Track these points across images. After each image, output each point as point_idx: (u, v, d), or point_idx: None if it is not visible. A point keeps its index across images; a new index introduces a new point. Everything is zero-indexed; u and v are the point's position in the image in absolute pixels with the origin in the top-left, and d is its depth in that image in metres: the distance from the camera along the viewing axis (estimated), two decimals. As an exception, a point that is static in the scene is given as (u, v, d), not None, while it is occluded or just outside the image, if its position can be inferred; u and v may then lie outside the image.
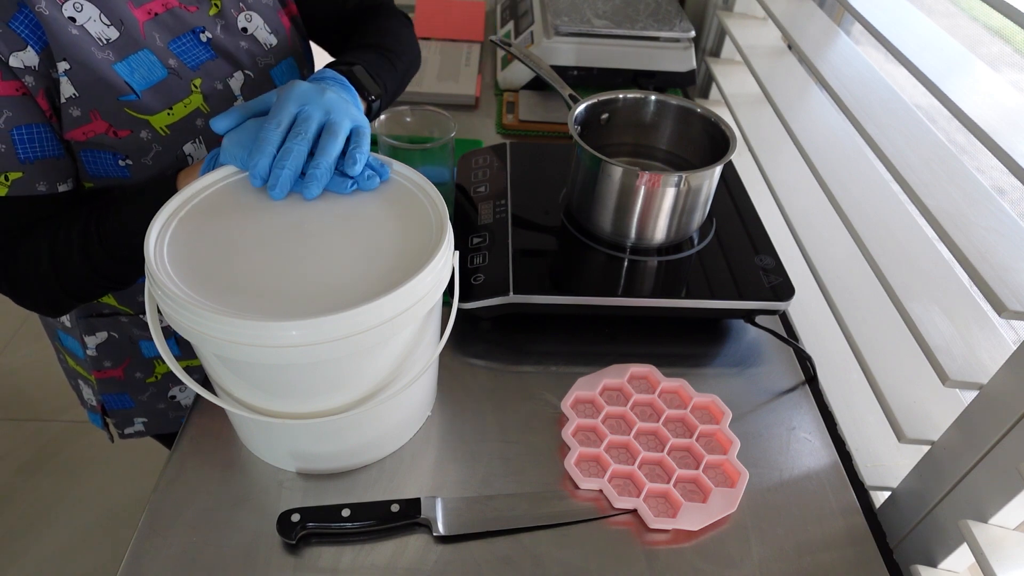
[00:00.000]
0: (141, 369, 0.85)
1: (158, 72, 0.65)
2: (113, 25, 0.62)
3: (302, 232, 0.57)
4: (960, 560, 0.57)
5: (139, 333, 0.82)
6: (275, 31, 0.75)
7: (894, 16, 0.77)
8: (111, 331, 0.82)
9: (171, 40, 0.66)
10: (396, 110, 0.83)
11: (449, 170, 0.81)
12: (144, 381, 0.86)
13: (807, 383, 0.72)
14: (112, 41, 0.62)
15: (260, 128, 0.57)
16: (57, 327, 0.85)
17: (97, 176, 0.67)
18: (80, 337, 0.82)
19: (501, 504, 0.59)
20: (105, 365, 0.84)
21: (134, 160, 0.66)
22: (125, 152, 0.66)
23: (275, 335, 0.48)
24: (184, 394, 0.89)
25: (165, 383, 0.88)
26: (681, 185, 0.71)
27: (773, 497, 0.61)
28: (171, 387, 0.88)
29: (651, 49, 1.15)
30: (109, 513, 1.56)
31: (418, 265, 0.52)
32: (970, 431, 0.55)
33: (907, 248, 0.67)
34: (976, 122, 0.59)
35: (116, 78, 0.62)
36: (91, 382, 0.87)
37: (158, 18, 0.65)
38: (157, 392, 0.88)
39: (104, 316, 0.81)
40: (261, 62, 0.74)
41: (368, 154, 0.60)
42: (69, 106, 0.61)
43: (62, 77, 0.59)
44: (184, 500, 0.59)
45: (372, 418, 0.59)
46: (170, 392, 0.89)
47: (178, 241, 0.55)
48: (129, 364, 0.85)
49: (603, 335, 0.76)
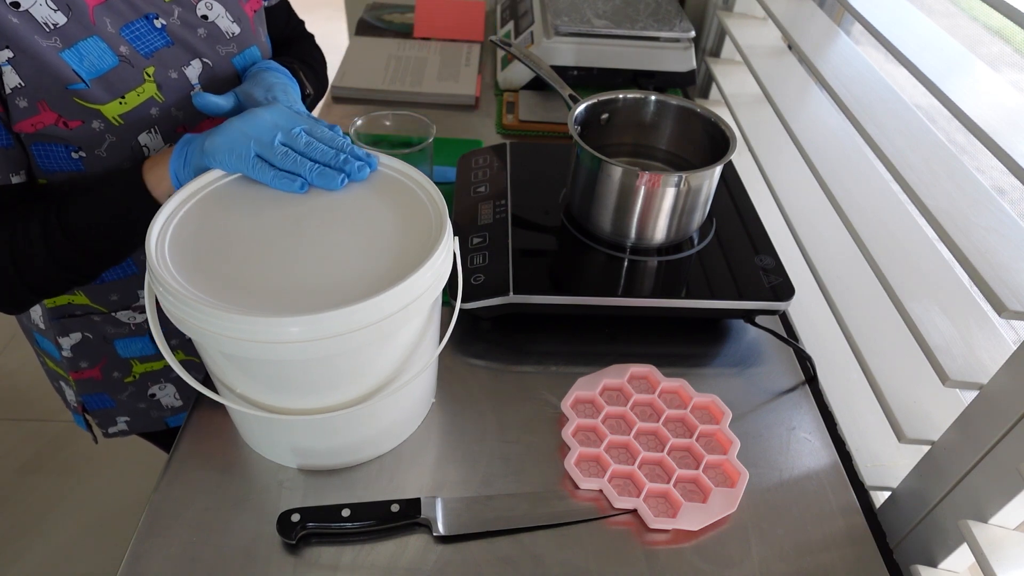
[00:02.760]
0: (118, 369, 0.84)
1: (108, 60, 0.62)
2: (60, 10, 0.59)
3: (302, 229, 0.57)
4: (960, 560, 0.57)
5: (113, 332, 0.80)
6: (238, 19, 0.73)
7: (894, 16, 0.77)
8: (84, 331, 0.80)
9: (123, 26, 0.64)
10: (375, 114, 0.83)
11: (430, 173, 0.81)
12: (123, 381, 0.85)
13: (807, 383, 0.72)
14: (59, 27, 0.59)
15: (274, 154, 0.60)
16: (33, 329, 0.84)
17: (50, 171, 0.65)
18: (54, 339, 0.81)
19: (501, 504, 0.59)
20: (82, 366, 0.83)
21: (87, 152, 0.65)
22: (77, 143, 0.64)
23: (276, 331, 0.48)
24: (164, 392, 0.87)
25: (144, 383, 0.86)
26: (681, 185, 0.71)
27: (773, 497, 0.61)
28: (150, 386, 0.87)
29: (651, 49, 1.15)
30: (109, 513, 1.56)
31: (418, 261, 0.53)
32: (970, 431, 0.55)
33: (907, 248, 0.67)
34: (976, 122, 0.59)
35: (63, 66, 0.59)
36: (71, 383, 0.86)
37: (109, 3, 0.63)
38: (136, 392, 0.87)
39: (76, 317, 0.79)
40: (222, 51, 0.72)
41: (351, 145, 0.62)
42: (15, 96, 0.59)
43: (5, 66, 0.57)
44: (184, 500, 0.59)
45: (373, 414, 0.59)
46: (150, 391, 0.87)
47: (179, 238, 0.55)
48: (106, 364, 0.83)
49: (603, 335, 0.76)
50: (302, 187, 0.59)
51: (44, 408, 1.78)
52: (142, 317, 0.80)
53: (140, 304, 0.79)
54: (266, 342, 0.48)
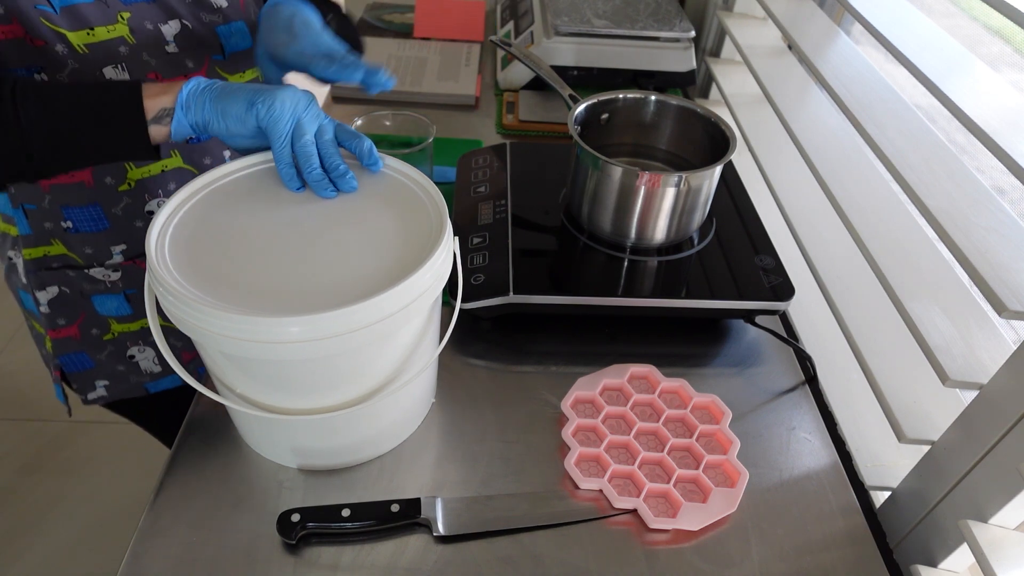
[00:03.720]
0: (97, 326, 0.83)
1: None
2: None
3: (302, 228, 0.57)
4: (960, 560, 0.57)
5: (90, 288, 0.80)
6: None
7: (894, 16, 0.77)
8: (61, 286, 0.80)
9: None
10: (376, 113, 0.83)
11: (429, 173, 0.81)
12: (101, 339, 0.84)
13: (807, 383, 0.72)
14: None
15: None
16: (18, 286, 0.83)
17: None
18: (33, 293, 0.80)
19: (501, 504, 0.59)
20: (59, 323, 0.82)
21: (49, 76, 0.65)
22: (40, 64, 0.64)
23: (276, 331, 0.48)
24: (144, 356, 0.86)
25: (123, 342, 0.85)
26: (681, 185, 0.71)
27: (773, 497, 0.61)
28: (130, 347, 0.86)
29: (651, 49, 1.15)
30: (109, 513, 1.56)
31: (418, 261, 0.53)
32: (970, 431, 0.55)
33: (907, 248, 0.67)
34: (976, 122, 0.59)
35: None
36: (49, 345, 0.85)
37: None
38: (115, 351, 0.85)
39: (53, 270, 0.78)
40: (205, 18, 0.72)
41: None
42: None
43: None
44: (184, 500, 0.59)
45: (373, 414, 0.59)
46: (128, 352, 0.86)
47: (179, 238, 0.55)
48: (83, 320, 0.83)
49: (603, 335, 0.76)
50: (300, 188, 0.61)
51: (44, 408, 1.78)
52: (116, 275, 0.80)
53: (114, 262, 0.79)
54: (266, 342, 0.48)
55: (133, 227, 0.77)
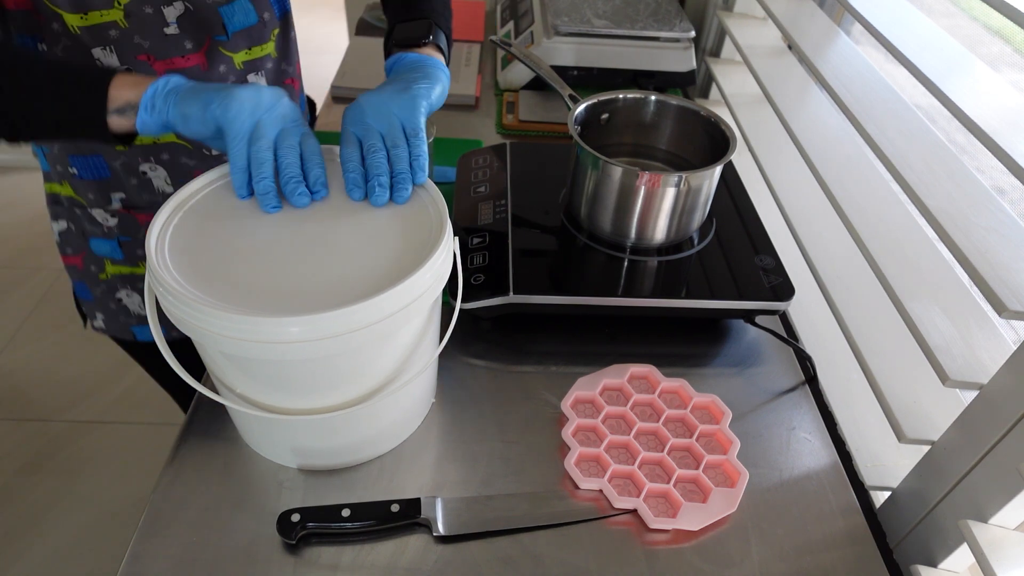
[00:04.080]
0: (94, 263, 0.87)
1: None
2: None
3: (302, 228, 0.57)
4: (960, 560, 0.57)
5: (91, 229, 0.84)
6: None
7: (894, 16, 0.77)
8: (69, 221, 0.85)
9: None
10: None
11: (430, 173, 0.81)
12: (98, 276, 0.87)
13: (807, 383, 0.72)
14: None
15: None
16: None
17: None
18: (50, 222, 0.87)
19: (501, 504, 0.59)
20: (67, 251, 0.87)
21: (49, 47, 0.68)
22: (42, 36, 0.67)
23: (276, 331, 0.48)
24: (131, 300, 0.88)
25: (114, 283, 0.88)
26: (681, 185, 0.71)
27: (773, 497, 0.61)
28: (120, 289, 0.88)
29: (651, 49, 1.15)
30: (109, 513, 1.56)
31: (418, 261, 0.53)
32: (970, 431, 0.55)
33: (907, 248, 0.67)
34: (976, 122, 0.59)
35: None
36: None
37: None
38: (108, 290, 0.88)
39: (62, 205, 0.84)
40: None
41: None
42: None
43: None
44: (184, 500, 0.59)
45: (373, 414, 0.59)
46: (117, 294, 0.89)
47: (179, 238, 0.55)
48: (85, 255, 0.86)
49: (603, 335, 0.76)
50: (246, 197, 0.59)
51: (44, 408, 1.78)
52: (113, 221, 0.82)
53: (113, 208, 0.81)
54: (266, 342, 0.48)
55: (130, 183, 0.79)
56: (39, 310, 2.04)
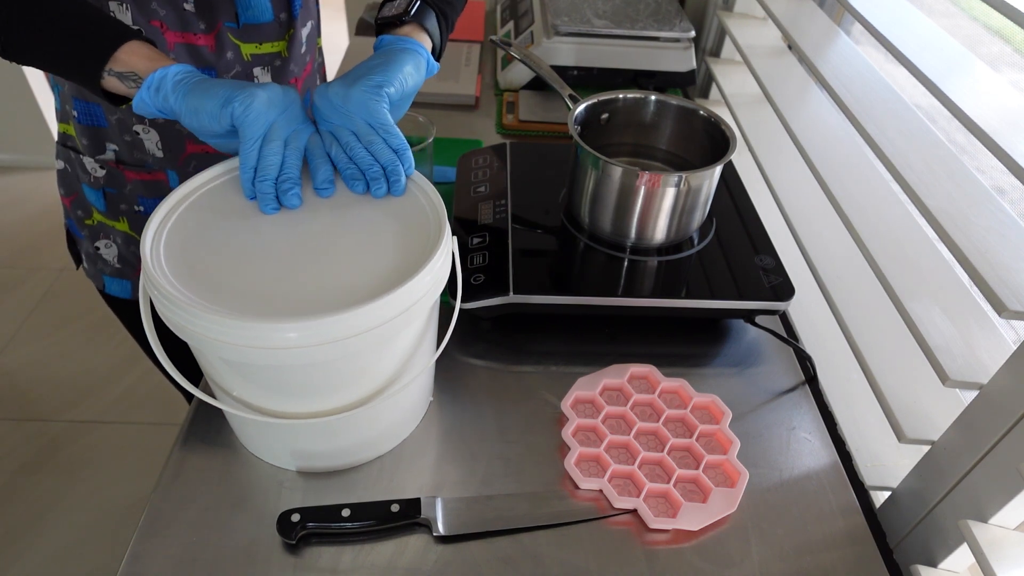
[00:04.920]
0: (83, 208, 0.87)
1: None
2: None
3: (300, 232, 0.57)
4: (960, 560, 0.57)
5: (84, 176, 0.84)
6: None
7: (894, 16, 0.77)
8: (66, 162, 0.85)
9: None
10: None
11: (429, 173, 0.81)
12: (84, 221, 0.88)
13: (807, 383, 0.72)
14: None
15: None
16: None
17: None
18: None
19: (501, 504, 0.59)
20: (62, 192, 0.88)
21: None
22: None
23: (274, 336, 0.48)
24: (108, 250, 0.89)
25: (97, 231, 0.88)
26: (681, 185, 0.71)
27: (773, 497, 0.61)
28: (100, 238, 0.89)
29: (651, 49, 1.15)
30: (109, 513, 1.56)
31: (417, 264, 0.52)
32: (970, 431, 0.55)
33: (907, 248, 0.67)
34: (976, 122, 0.59)
35: None
36: None
37: None
38: (90, 236, 0.89)
39: (64, 145, 0.84)
40: None
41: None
42: None
43: None
44: (184, 500, 0.59)
45: (373, 417, 0.59)
46: (97, 243, 0.89)
47: (174, 241, 0.55)
48: (76, 198, 0.87)
49: (603, 335, 0.76)
50: (274, 210, 0.59)
51: (44, 408, 1.78)
52: (102, 172, 0.82)
53: (103, 157, 0.81)
54: (264, 347, 0.48)
55: (123, 139, 0.79)
56: (39, 310, 2.05)
